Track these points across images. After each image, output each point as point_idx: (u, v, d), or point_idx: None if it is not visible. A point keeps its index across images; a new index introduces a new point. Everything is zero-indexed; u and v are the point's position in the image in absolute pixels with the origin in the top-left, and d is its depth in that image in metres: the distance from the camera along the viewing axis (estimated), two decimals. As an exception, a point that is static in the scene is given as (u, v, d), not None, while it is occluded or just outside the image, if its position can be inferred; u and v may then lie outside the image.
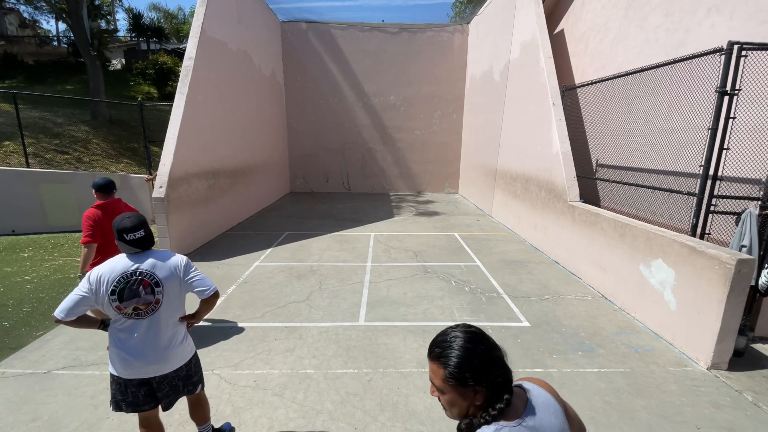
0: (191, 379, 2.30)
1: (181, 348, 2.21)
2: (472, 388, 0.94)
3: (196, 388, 2.35)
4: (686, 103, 4.71)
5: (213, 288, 2.23)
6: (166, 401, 2.23)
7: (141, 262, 2.08)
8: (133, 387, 2.13)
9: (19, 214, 7.69)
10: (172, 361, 2.16)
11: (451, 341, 0.97)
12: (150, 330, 2.08)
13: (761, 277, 3.59)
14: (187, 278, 2.19)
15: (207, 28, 7.62)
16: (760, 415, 2.95)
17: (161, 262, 2.13)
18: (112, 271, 2.04)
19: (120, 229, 2.07)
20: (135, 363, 2.07)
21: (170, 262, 2.15)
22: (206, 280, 2.24)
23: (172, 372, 2.17)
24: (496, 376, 0.95)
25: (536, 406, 0.99)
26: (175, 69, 18.32)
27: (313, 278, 5.62)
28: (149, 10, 35.72)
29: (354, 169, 14.25)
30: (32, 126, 10.71)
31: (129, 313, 2.04)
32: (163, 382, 2.17)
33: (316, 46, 13.19)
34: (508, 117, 9.27)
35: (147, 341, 2.08)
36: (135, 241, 2.09)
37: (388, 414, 2.90)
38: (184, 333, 2.25)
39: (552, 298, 5.05)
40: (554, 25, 9.06)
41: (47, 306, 4.64)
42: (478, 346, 0.96)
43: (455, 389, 0.95)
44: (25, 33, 25.59)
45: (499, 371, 0.95)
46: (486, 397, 0.94)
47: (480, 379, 0.93)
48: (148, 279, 2.07)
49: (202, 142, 7.50)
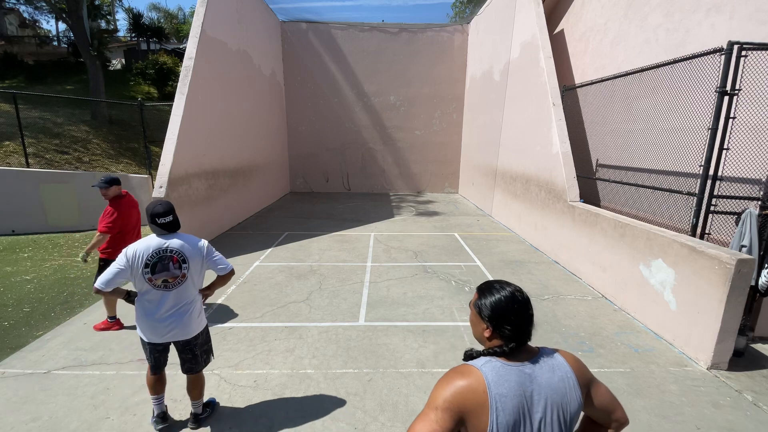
0: (206, 346, 2.72)
1: (199, 319, 2.61)
2: (485, 321, 1.14)
3: (209, 357, 2.77)
4: (686, 103, 4.72)
5: (230, 267, 2.64)
6: (187, 366, 2.66)
7: (171, 242, 2.46)
8: (156, 352, 2.57)
9: (19, 214, 7.69)
10: (193, 328, 2.56)
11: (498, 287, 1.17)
12: (176, 299, 2.47)
13: (761, 277, 3.59)
14: (211, 258, 2.58)
15: (207, 28, 7.62)
16: (760, 415, 2.95)
17: (188, 243, 2.50)
18: (147, 248, 2.41)
19: (153, 214, 2.44)
20: (162, 329, 2.46)
21: (195, 244, 2.54)
22: (225, 260, 2.64)
23: (192, 338, 2.58)
24: (504, 326, 1.11)
25: (541, 363, 1.11)
26: (175, 69, 18.32)
27: (313, 278, 5.62)
28: (149, 10, 35.77)
29: (354, 169, 14.25)
30: (32, 126, 10.71)
31: (158, 285, 2.42)
32: (186, 347, 2.60)
33: (316, 46, 13.19)
34: (508, 117, 9.27)
35: (173, 310, 2.47)
36: (165, 225, 2.47)
37: (388, 414, 2.90)
38: (201, 306, 2.64)
39: (552, 298, 5.05)
40: (554, 25, 9.06)
41: (47, 306, 4.64)
42: (509, 301, 1.13)
43: (475, 315, 1.18)
44: (25, 33, 25.60)
45: (508, 327, 1.11)
46: (491, 335, 1.14)
47: (491, 319, 1.13)
48: (177, 256, 2.44)
49: (202, 142, 7.50)
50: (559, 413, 1.08)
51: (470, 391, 1.03)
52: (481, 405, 1.02)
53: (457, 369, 1.10)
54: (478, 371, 1.06)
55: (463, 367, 1.10)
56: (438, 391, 1.06)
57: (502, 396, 1.03)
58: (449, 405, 1.03)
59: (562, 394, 1.09)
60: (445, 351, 3.76)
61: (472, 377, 1.05)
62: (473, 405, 1.03)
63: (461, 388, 1.04)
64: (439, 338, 3.99)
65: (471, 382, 1.05)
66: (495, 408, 1.02)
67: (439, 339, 3.98)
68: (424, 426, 1.02)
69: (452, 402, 1.03)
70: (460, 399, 1.03)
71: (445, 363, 3.56)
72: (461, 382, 1.05)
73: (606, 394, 1.18)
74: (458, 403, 1.03)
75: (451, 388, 1.05)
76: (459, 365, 1.13)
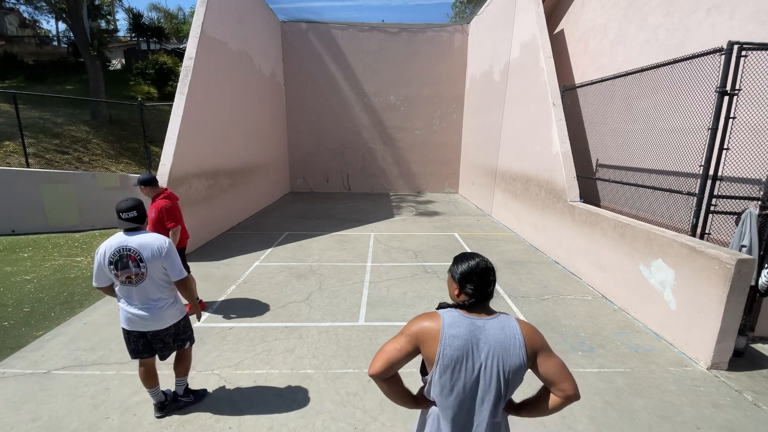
0: (179, 337, 2.81)
1: (171, 311, 2.70)
2: (456, 282, 1.45)
3: (185, 345, 2.87)
4: (686, 103, 4.72)
5: (182, 275, 2.67)
6: (161, 353, 2.77)
7: (131, 241, 2.53)
8: (133, 338, 2.68)
9: (19, 214, 7.68)
10: (162, 320, 2.66)
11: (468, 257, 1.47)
12: (141, 294, 2.58)
13: (761, 277, 3.59)
14: (167, 261, 2.60)
15: (207, 28, 7.62)
16: (760, 415, 2.95)
17: (148, 243, 2.55)
18: (110, 247, 2.52)
19: (118, 210, 2.54)
20: (133, 318, 2.60)
21: (155, 245, 2.56)
22: (179, 267, 2.65)
23: (163, 329, 2.68)
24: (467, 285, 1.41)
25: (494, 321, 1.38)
26: (175, 69, 18.32)
27: (313, 278, 5.62)
28: (149, 10, 35.75)
29: (354, 169, 14.25)
30: (32, 126, 10.71)
31: (123, 281, 2.54)
32: (156, 337, 2.70)
33: (316, 46, 13.18)
34: (508, 117, 9.27)
35: (140, 303, 2.59)
36: (128, 219, 2.55)
37: (388, 414, 2.90)
38: (173, 299, 2.73)
39: (552, 298, 5.05)
40: (554, 25, 9.06)
41: (47, 306, 4.64)
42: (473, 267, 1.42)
43: (450, 278, 1.49)
44: (25, 33, 25.60)
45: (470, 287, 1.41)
46: (459, 293, 1.44)
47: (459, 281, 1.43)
48: (135, 255, 2.52)
49: (202, 142, 7.50)
50: (499, 364, 1.33)
51: (428, 328, 1.37)
52: (433, 338, 1.35)
53: (426, 313, 1.45)
54: (439, 316, 1.40)
55: (429, 312, 1.44)
56: (408, 325, 1.42)
57: (451, 336, 1.34)
58: (411, 333, 1.39)
59: (506, 349, 1.33)
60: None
61: (432, 318, 1.39)
62: (428, 337, 1.36)
63: (423, 325, 1.39)
64: (439, 338, 3.99)
65: (430, 322, 1.38)
66: (444, 343, 1.34)
67: (439, 339, 3.97)
68: (390, 344, 1.40)
69: (414, 333, 1.38)
70: (419, 331, 1.38)
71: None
72: (425, 321, 1.39)
73: (553, 366, 1.36)
74: (417, 334, 1.38)
75: (416, 324, 1.40)
76: (429, 311, 1.45)
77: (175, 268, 2.63)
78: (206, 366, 3.47)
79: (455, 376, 1.34)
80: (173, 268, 2.62)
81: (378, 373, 1.38)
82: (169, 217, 4.10)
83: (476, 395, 1.36)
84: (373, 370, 1.38)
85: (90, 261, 6.28)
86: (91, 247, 6.99)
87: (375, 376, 1.39)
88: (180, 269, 2.65)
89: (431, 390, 1.41)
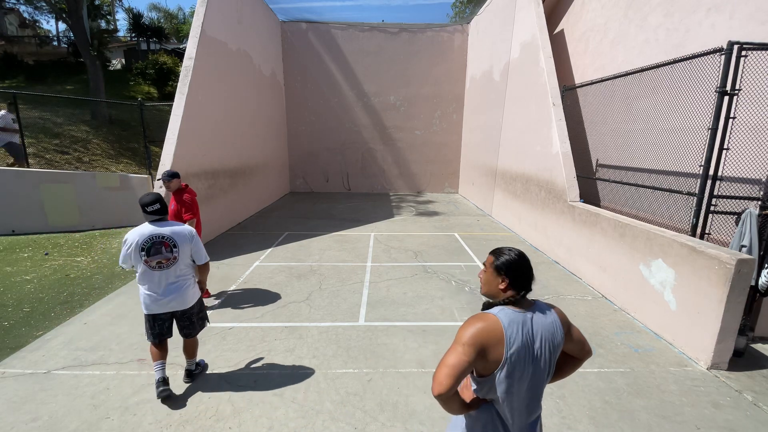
0: (200, 314, 3.21)
1: (192, 290, 3.06)
2: (502, 275, 1.46)
3: (204, 323, 3.26)
4: (686, 103, 4.71)
5: (206, 258, 3.12)
6: (186, 331, 3.13)
7: (163, 230, 2.88)
8: (159, 321, 3.00)
9: (19, 214, 7.68)
10: (187, 299, 3.02)
11: (508, 250, 1.51)
12: (170, 277, 2.92)
13: (761, 277, 3.59)
14: (196, 246, 3.03)
15: (207, 28, 7.62)
16: (760, 415, 2.95)
17: (178, 230, 2.94)
18: (142, 235, 2.84)
19: (142, 204, 2.87)
20: (162, 300, 2.92)
21: (185, 232, 2.96)
22: (205, 252, 3.11)
23: (188, 308, 3.05)
24: (517, 277, 1.45)
25: (538, 310, 1.46)
26: (175, 69, 18.31)
27: (313, 278, 5.62)
28: (149, 10, 35.76)
29: (354, 169, 14.25)
30: (32, 126, 10.70)
31: (153, 266, 2.86)
32: (183, 316, 3.07)
33: (316, 46, 13.18)
34: (508, 117, 9.27)
35: (168, 285, 2.93)
36: (154, 212, 2.88)
37: (388, 414, 2.90)
38: (192, 281, 3.08)
39: (552, 298, 5.05)
40: (554, 25, 9.06)
41: (47, 306, 4.64)
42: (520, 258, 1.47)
43: (493, 273, 1.49)
44: (25, 33, 25.59)
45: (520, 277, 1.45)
46: (507, 286, 1.45)
47: (508, 273, 1.45)
48: (169, 242, 2.88)
49: (202, 142, 7.50)
50: (549, 344, 1.42)
51: (489, 331, 1.36)
52: (497, 341, 1.35)
53: (476, 316, 1.42)
54: (495, 317, 1.39)
55: (481, 314, 1.42)
56: (463, 332, 1.37)
57: (513, 333, 1.37)
58: (473, 341, 1.34)
59: (552, 332, 1.44)
60: (444, 351, 3.75)
61: (490, 321, 1.38)
62: (493, 341, 1.35)
63: (481, 328, 1.36)
64: (439, 338, 3.99)
65: (489, 324, 1.37)
66: (509, 343, 1.35)
67: (439, 339, 3.98)
68: (453, 357, 1.33)
69: (475, 338, 1.34)
70: (481, 336, 1.34)
71: (445, 363, 3.55)
72: (481, 324, 1.37)
73: (579, 333, 1.57)
74: (480, 339, 1.34)
75: (473, 328, 1.36)
76: (478, 313, 1.45)
77: (201, 252, 3.06)
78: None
79: (520, 372, 1.38)
80: (199, 253, 3.05)
81: (447, 391, 1.28)
82: (188, 209, 4.58)
83: (537, 383, 1.43)
84: (442, 388, 1.28)
85: (90, 261, 6.28)
86: (91, 247, 6.99)
87: (443, 395, 1.29)
88: (205, 254, 3.09)
89: (495, 390, 1.40)
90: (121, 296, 4.96)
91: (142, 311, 2.99)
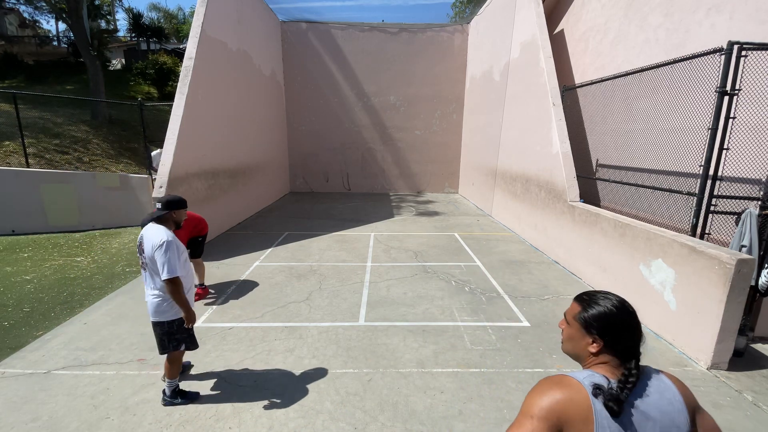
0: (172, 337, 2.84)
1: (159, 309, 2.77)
2: (592, 336, 1.08)
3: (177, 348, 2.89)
4: (686, 103, 4.71)
5: (168, 274, 2.62)
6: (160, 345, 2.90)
7: (143, 231, 2.78)
8: None
9: (19, 214, 7.68)
10: (154, 314, 2.79)
11: (601, 297, 1.12)
12: (146, 281, 2.81)
13: (761, 277, 3.59)
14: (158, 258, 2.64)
15: (207, 28, 7.62)
16: (760, 415, 2.95)
17: (149, 237, 2.71)
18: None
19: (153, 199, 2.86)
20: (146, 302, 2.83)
21: (152, 240, 2.67)
22: (168, 266, 2.63)
23: (156, 323, 2.82)
24: (617, 339, 1.06)
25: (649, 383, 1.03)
26: (175, 69, 18.32)
27: (313, 278, 5.62)
28: (149, 10, 35.79)
29: (354, 169, 14.25)
30: (32, 126, 10.71)
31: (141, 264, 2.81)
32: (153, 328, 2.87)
33: (316, 46, 13.18)
34: (508, 117, 9.27)
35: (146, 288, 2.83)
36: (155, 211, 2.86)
37: (388, 414, 2.90)
38: (163, 299, 2.76)
39: (552, 298, 5.05)
40: (554, 25, 9.06)
41: (47, 306, 4.64)
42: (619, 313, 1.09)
43: (579, 329, 1.11)
44: (25, 33, 25.59)
45: (622, 339, 1.07)
46: (599, 350, 1.07)
47: (603, 333, 1.07)
48: (140, 245, 2.78)
49: (202, 142, 7.50)
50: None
51: (571, 403, 0.98)
52: (583, 419, 0.97)
53: (552, 378, 1.05)
54: (579, 383, 1.01)
55: (560, 377, 1.04)
56: (533, 400, 1.01)
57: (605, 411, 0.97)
58: (547, 414, 0.97)
59: (671, 419, 1.01)
60: (444, 351, 3.76)
61: (573, 389, 1.00)
62: (575, 418, 0.97)
63: (560, 398, 0.99)
64: (439, 338, 3.99)
65: (571, 394, 0.99)
66: (599, 423, 0.96)
67: (439, 339, 3.98)
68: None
69: (550, 411, 0.98)
70: (559, 409, 0.98)
71: (444, 363, 3.56)
72: (559, 393, 1.00)
73: (713, 422, 1.09)
74: (557, 414, 0.97)
75: (548, 397, 0.99)
76: (555, 376, 1.06)
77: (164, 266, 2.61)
78: (206, 366, 3.47)
79: None
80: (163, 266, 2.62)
81: None
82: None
83: None
84: None
85: (90, 261, 6.28)
86: (91, 247, 6.99)
87: None
88: (169, 268, 2.60)
89: None
90: (121, 296, 4.96)
91: None
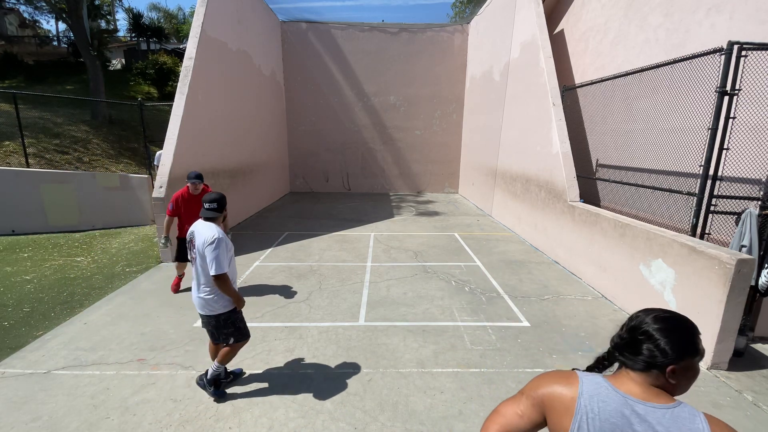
0: (220, 331, 2.96)
1: (211, 301, 2.86)
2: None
3: (228, 339, 2.99)
4: (686, 103, 4.71)
5: (216, 270, 2.73)
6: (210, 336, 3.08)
7: (194, 227, 2.89)
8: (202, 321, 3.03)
9: (19, 214, 7.68)
10: (205, 307, 2.88)
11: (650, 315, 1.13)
12: (195, 276, 2.89)
13: (761, 277, 3.59)
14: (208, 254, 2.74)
15: (207, 28, 7.62)
16: (760, 415, 2.95)
17: (200, 232, 2.81)
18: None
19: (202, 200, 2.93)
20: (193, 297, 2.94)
21: (203, 236, 2.77)
22: (216, 262, 2.72)
23: (204, 316, 2.93)
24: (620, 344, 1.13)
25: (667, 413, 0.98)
26: (175, 69, 18.32)
27: (313, 278, 5.62)
28: (149, 10, 35.79)
29: (354, 169, 14.25)
30: (32, 126, 10.71)
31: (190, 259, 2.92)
32: (203, 320, 2.99)
33: (316, 46, 13.18)
34: (508, 117, 9.27)
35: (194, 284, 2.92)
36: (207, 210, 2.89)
37: (388, 414, 2.90)
38: (216, 291, 2.84)
39: (552, 298, 5.05)
40: (554, 25, 9.06)
41: (47, 306, 4.64)
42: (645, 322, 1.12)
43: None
44: (25, 33, 25.59)
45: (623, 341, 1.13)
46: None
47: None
48: (190, 241, 2.88)
49: (202, 142, 7.50)
50: None
51: (558, 394, 1.04)
52: (564, 409, 1.01)
53: (561, 372, 1.11)
54: (578, 378, 1.05)
55: (567, 372, 1.10)
56: (534, 383, 1.10)
57: (591, 413, 0.97)
58: (537, 397, 1.06)
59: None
60: (444, 351, 3.76)
61: (569, 382, 1.05)
62: (556, 406, 1.03)
63: (553, 389, 1.05)
64: (438, 338, 3.99)
65: (564, 387, 1.04)
66: (579, 419, 0.98)
67: (439, 339, 3.98)
68: (511, 407, 1.09)
69: (540, 396, 1.06)
70: (546, 396, 1.05)
71: (444, 363, 3.56)
72: (557, 384, 1.06)
73: None
74: (544, 399, 1.05)
75: (545, 384, 1.07)
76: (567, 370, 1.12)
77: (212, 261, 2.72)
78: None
79: None
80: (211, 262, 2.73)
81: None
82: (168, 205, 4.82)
83: None
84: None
85: (90, 261, 6.27)
86: (91, 247, 6.99)
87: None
88: (218, 265, 2.71)
89: None
90: (121, 296, 4.96)
91: None
